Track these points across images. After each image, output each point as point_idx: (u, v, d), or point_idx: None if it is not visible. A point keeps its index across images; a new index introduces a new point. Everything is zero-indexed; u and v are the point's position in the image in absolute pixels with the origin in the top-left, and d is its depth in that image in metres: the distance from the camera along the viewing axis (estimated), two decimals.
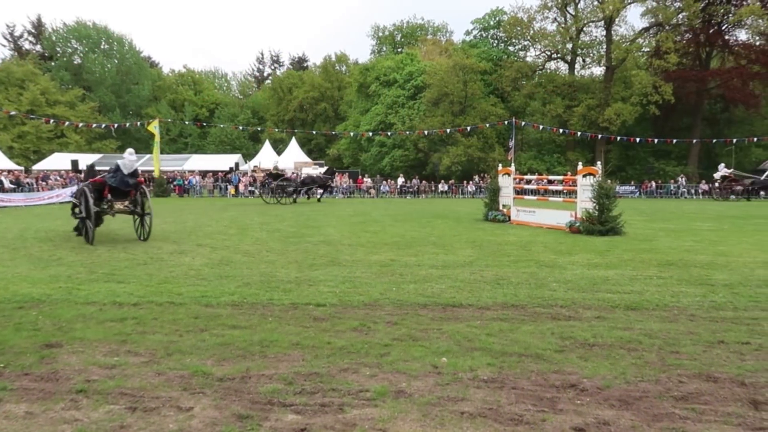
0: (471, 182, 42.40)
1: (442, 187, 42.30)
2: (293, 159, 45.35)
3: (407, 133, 44.79)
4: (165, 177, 38.83)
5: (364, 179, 43.16)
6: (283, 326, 5.30)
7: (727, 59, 45.62)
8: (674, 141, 41.58)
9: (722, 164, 37.62)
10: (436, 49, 54.83)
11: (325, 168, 37.14)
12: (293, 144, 47.90)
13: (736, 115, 46.25)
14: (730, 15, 42.72)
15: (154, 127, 37.72)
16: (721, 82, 43.70)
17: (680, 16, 43.51)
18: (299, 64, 72.90)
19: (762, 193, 35.91)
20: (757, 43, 43.62)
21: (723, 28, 44.27)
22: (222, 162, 45.34)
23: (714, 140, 42.76)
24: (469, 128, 42.92)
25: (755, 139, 42.24)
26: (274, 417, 3.38)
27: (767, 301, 6.46)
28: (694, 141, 43.22)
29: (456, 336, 4.99)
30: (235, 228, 14.80)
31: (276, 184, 29.75)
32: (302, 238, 12.38)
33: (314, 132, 51.73)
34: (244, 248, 10.72)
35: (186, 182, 40.22)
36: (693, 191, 40.91)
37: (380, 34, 64.29)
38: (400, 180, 42.64)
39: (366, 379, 3.97)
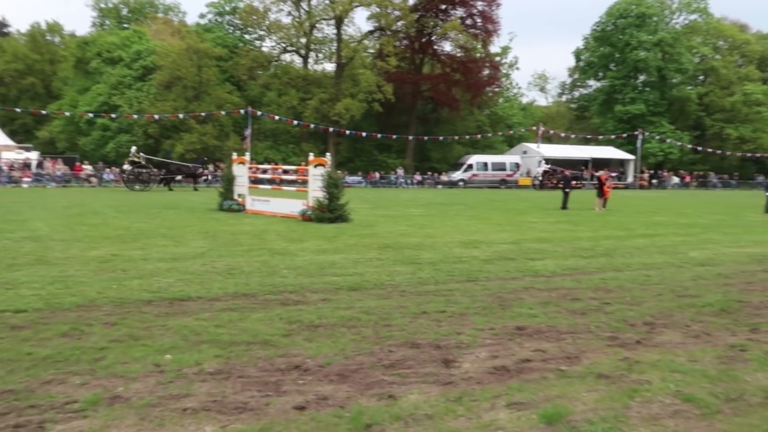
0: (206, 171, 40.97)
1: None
2: None
3: (135, 116, 41.20)
4: None
5: (84, 166, 38.35)
6: None
7: (435, 66, 52.31)
8: (394, 136, 46.18)
9: (542, 161, 43.24)
10: (167, 29, 51.44)
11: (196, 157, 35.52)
12: None
13: (443, 116, 53.42)
14: (438, 28, 49.02)
15: None
16: (431, 86, 49.98)
17: (399, 23, 48.36)
18: None
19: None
20: (458, 55, 50.94)
21: (433, 38, 50.59)
22: None
23: (426, 137, 48.73)
24: (203, 115, 41.41)
25: (457, 138, 49.49)
26: None
27: (461, 274, 7.65)
28: (410, 137, 48.65)
29: (183, 330, 4.80)
30: None
31: (129, 171, 27.24)
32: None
33: (18, 110, 43.89)
34: None
35: None
36: (409, 181, 46.09)
37: (102, 5, 57.75)
38: (127, 167, 39.04)
39: (75, 388, 3.57)
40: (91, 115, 41.88)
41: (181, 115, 40.78)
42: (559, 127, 59.20)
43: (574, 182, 42.76)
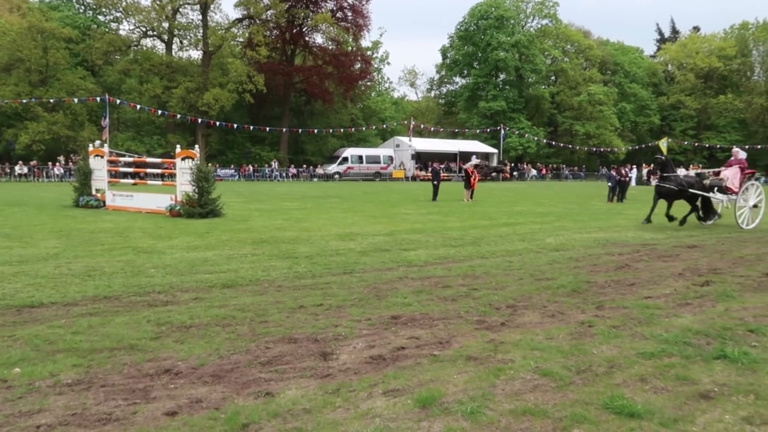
0: (58, 164, 37.51)
1: (21, 169, 36.21)
2: None
3: None
4: None
5: None
6: None
7: (308, 58, 51.93)
8: (268, 129, 45.27)
9: (474, 156, 42.99)
10: (4, 4, 46.09)
11: None
12: None
13: (317, 109, 53.29)
14: (309, 19, 48.64)
15: None
16: (303, 78, 49.55)
17: (269, 12, 47.29)
18: None
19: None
20: (330, 48, 50.96)
21: (304, 30, 50.14)
22: None
23: (300, 129, 48.30)
24: (52, 102, 37.74)
25: (331, 131, 49.59)
26: None
27: (337, 267, 7.69)
28: (284, 129, 47.96)
29: (34, 340, 4.36)
30: None
31: None
32: None
33: None
34: None
35: None
36: (284, 174, 45.48)
37: None
38: None
39: None
40: None
41: (24, 101, 36.83)
42: (429, 121, 61.49)
43: (494, 174, 45.63)
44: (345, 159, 46.16)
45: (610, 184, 23.42)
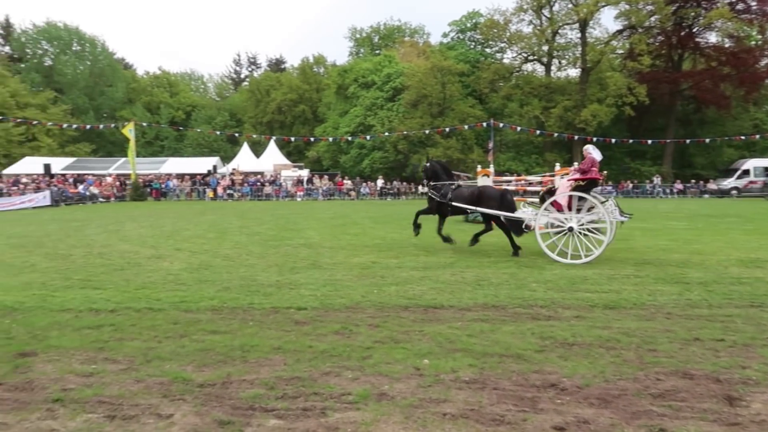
0: None
1: (423, 189, 42.46)
2: (272, 161, 45.14)
3: (386, 135, 44.84)
4: (141, 181, 38.35)
5: (344, 181, 43.11)
6: (264, 330, 5.26)
7: (698, 61, 46.53)
8: (649, 141, 42.22)
9: None
10: (413, 50, 55.04)
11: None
12: (272, 146, 47.65)
13: (708, 116, 47.19)
14: (701, 18, 43.58)
15: (129, 131, 37.20)
16: (693, 83, 44.57)
17: (652, 18, 44.26)
18: (277, 65, 72.48)
19: None
20: (727, 46, 44.56)
21: (694, 30, 45.16)
22: (199, 165, 44.84)
23: (687, 140, 43.56)
24: (447, 130, 43.17)
25: (726, 139, 43.19)
26: (256, 422, 3.36)
27: (740, 298, 6.59)
28: (668, 141, 43.98)
29: (437, 337, 5.00)
30: (213, 232, 14.67)
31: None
32: (282, 242, 12.32)
33: (292, 139, 49.86)
34: (224, 252, 10.63)
35: (163, 185, 39.72)
36: (668, 191, 41.61)
37: (357, 36, 64.34)
38: (380, 182, 42.69)
39: (348, 382, 3.96)
40: (349, 137, 46.72)
41: (426, 131, 43.10)
42: None
43: None
44: (745, 172, 39.53)
45: None
